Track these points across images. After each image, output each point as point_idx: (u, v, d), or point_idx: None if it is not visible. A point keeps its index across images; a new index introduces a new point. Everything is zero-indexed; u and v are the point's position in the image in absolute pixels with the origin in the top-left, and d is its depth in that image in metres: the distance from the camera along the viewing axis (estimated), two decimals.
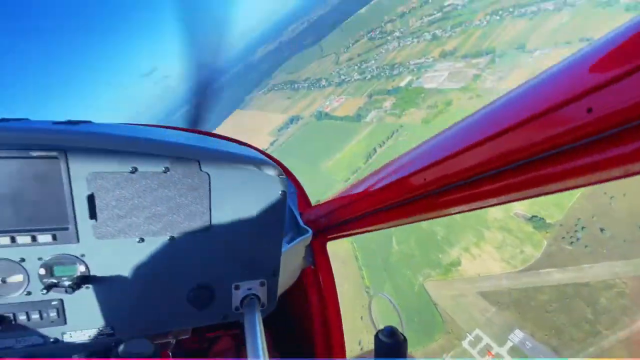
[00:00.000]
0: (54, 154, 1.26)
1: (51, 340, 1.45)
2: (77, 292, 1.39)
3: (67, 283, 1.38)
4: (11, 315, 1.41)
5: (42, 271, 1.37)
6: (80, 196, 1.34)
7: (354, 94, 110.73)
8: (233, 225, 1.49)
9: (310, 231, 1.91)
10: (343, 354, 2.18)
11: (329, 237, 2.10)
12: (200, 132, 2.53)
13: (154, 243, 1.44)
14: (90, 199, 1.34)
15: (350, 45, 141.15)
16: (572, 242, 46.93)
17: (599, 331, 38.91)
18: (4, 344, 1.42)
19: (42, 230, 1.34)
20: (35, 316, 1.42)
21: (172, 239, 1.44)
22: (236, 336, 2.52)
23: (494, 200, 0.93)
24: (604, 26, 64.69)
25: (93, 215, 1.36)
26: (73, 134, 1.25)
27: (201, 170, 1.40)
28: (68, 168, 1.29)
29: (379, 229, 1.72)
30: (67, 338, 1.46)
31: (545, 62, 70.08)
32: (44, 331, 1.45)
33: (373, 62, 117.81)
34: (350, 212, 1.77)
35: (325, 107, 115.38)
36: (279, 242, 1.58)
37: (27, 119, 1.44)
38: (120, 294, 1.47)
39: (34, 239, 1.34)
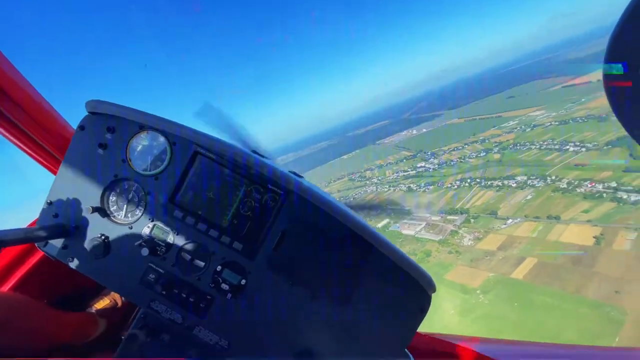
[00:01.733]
0: (280, 191, 1.58)
1: (185, 325, 1.60)
2: (227, 298, 1.59)
3: (226, 287, 1.58)
4: (177, 289, 1.59)
5: (219, 268, 1.59)
6: (276, 229, 1.58)
7: None
8: (369, 310, 1.55)
9: None
10: None
11: None
12: None
13: (298, 293, 1.56)
14: (282, 235, 1.57)
15: (332, 180, 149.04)
16: None
17: None
18: (156, 307, 1.60)
19: (239, 240, 1.59)
20: (191, 299, 1.59)
21: (313, 296, 1.56)
22: None
23: None
24: (564, 209, 69.75)
25: (277, 246, 1.58)
26: (297, 183, 1.54)
27: (371, 252, 1.53)
28: (282, 205, 1.57)
29: None
30: (195, 331, 1.59)
31: (519, 230, 71.62)
32: (187, 315, 1.61)
33: (352, 199, 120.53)
34: None
35: None
36: (401, 351, 1.57)
37: (268, 157, 1.80)
38: (252, 319, 1.59)
39: (231, 242, 1.59)
